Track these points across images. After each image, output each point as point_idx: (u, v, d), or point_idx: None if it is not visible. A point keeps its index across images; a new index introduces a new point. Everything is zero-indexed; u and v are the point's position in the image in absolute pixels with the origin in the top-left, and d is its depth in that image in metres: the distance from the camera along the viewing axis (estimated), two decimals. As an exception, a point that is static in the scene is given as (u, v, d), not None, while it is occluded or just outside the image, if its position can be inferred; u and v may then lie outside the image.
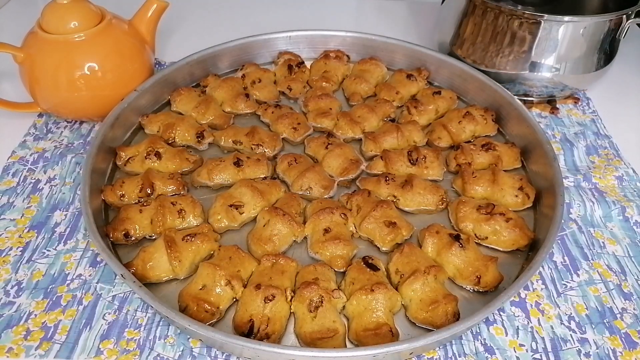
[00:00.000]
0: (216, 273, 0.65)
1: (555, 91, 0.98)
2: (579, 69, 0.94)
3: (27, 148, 0.89)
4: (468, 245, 0.71)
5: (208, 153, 0.88)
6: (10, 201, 0.80)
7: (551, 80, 0.95)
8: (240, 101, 0.95)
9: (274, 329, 0.62)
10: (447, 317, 0.64)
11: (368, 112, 0.92)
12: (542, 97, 0.99)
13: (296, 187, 0.80)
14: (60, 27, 0.84)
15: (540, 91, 0.97)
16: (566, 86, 0.97)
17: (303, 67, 1.03)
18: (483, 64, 0.97)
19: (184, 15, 1.26)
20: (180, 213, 0.74)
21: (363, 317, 0.64)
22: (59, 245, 0.74)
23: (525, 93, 0.98)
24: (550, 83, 0.95)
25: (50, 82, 0.85)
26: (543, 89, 0.97)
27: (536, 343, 0.65)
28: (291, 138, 0.89)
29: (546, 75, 0.94)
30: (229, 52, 1.02)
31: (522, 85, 0.96)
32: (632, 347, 0.65)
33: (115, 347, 0.63)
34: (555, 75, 0.94)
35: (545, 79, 0.95)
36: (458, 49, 1.00)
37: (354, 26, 1.10)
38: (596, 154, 0.92)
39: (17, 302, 0.67)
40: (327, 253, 0.71)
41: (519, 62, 0.94)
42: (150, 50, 0.95)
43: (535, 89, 0.97)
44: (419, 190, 0.79)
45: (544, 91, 0.97)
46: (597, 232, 0.79)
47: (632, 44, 1.16)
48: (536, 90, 0.97)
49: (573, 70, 0.94)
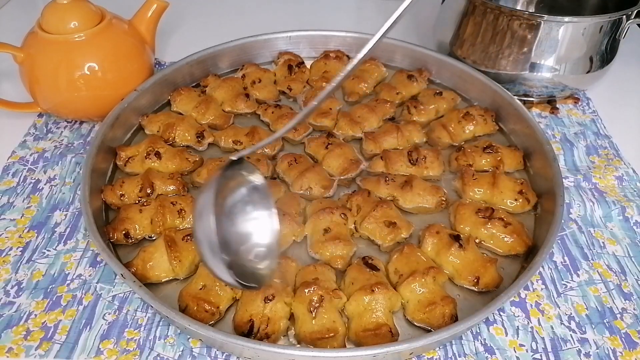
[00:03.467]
0: (216, 273, 0.65)
1: (555, 91, 0.98)
2: (578, 69, 0.94)
3: (27, 148, 0.89)
4: (468, 246, 0.71)
5: (208, 153, 0.88)
6: (10, 201, 0.80)
7: (551, 81, 0.95)
8: (240, 101, 0.95)
9: (274, 329, 0.62)
10: (444, 319, 0.64)
11: (368, 112, 0.92)
12: (542, 97, 0.99)
13: (296, 187, 0.80)
14: (60, 27, 0.84)
15: (540, 91, 0.97)
16: (566, 86, 0.97)
17: (303, 67, 1.03)
18: (483, 65, 0.97)
19: (184, 15, 1.26)
20: (180, 213, 0.74)
21: (363, 317, 0.64)
22: (59, 245, 0.74)
23: (525, 93, 0.98)
24: (550, 83, 0.95)
25: (50, 82, 0.85)
26: (543, 90, 0.97)
27: (536, 343, 0.65)
28: (291, 138, 0.89)
29: (546, 75, 0.94)
30: (229, 52, 1.02)
31: (522, 85, 0.96)
32: (632, 347, 0.65)
33: (115, 347, 0.63)
34: (555, 76, 0.94)
35: (545, 79, 0.95)
36: (458, 49, 1.00)
37: (354, 26, 1.10)
38: (596, 154, 0.92)
39: (17, 302, 0.67)
40: (327, 253, 0.71)
41: (519, 63, 0.94)
42: (150, 50, 0.95)
43: (535, 89, 0.97)
44: (419, 191, 0.79)
45: (544, 91, 0.97)
46: (597, 232, 0.79)
47: (632, 44, 1.16)
48: (536, 90, 0.97)
49: (573, 70, 0.94)
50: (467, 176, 0.81)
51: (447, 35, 1.03)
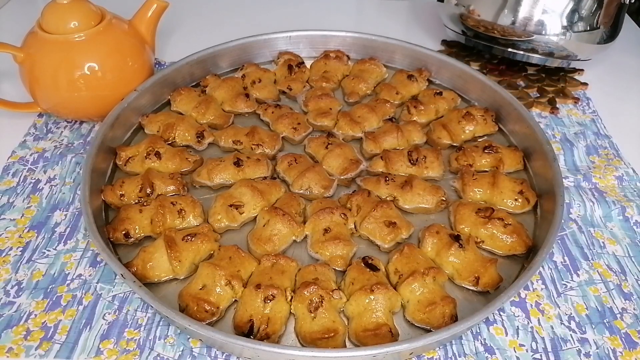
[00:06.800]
0: (216, 273, 0.65)
1: (557, 60, 1.00)
2: (583, 37, 0.96)
3: (27, 148, 0.89)
4: (468, 246, 0.71)
5: (208, 153, 0.88)
6: (10, 201, 0.80)
7: (557, 45, 0.96)
8: (240, 101, 0.95)
9: (274, 329, 0.62)
10: (444, 319, 0.64)
11: (368, 112, 0.92)
12: (543, 62, 1.01)
13: (296, 186, 0.80)
14: (60, 27, 0.84)
15: (543, 58, 1.00)
16: (569, 55, 0.98)
17: (303, 67, 1.03)
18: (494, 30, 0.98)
19: (184, 15, 1.26)
20: (180, 213, 0.74)
21: (363, 317, 0.64)
22: (59, 245, 0.74)
23: (532, 49, 0.99)
24: (556, 47, 0.97)
25: (50, 82, 0.85)
26: (547, 55, 0.99)
27: (536, 343, 0.65)
28: (291, 137, 0.90)
29: (552, 38, 0.95)
30: (229, 52, 1.02)
31: (529, 44, 0.98)
32: (632, 347, 0.65)
33: (115, 347, 0.63)
34: (561, 40, 0.95)
35: (552, 42, 0.96)
36: (468, 18, 1.02)
37: (354, 26, 1.10)
38: (596, 154, 0.92)
39: (17, 302, 0.67)
40: (327, 253, 0.71)
41: (527, 22, 0.95)
42: (150, 50, 0.95)
43: (540, 49, 0.98)
44: (419, 191, 0.79)
45: (547, 59, 1.00)
46: (597, 232, 0.79)
47: (632, 44, 1.16)
48: (539, 56, 0.99)
49: (579, 37, 0.96)
50: (467, 176, 0.81)
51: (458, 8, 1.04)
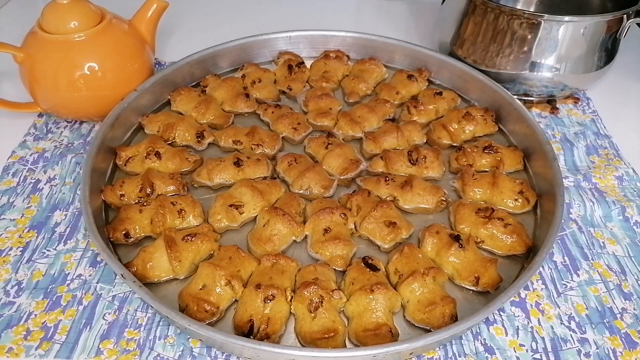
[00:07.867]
0: (216, 273, 0.65)
1: (555, 91, 0.98)
2: (579, 68, 0.94)
3: (27, 148, 0.89)
4: (468, 246, 0.71)
5: (208, 153, 0.88)
6: (10, 201, 0.80)
7: (551, 80, 0.95)
8: (240, 101, 0.95)
9: (274, 329, 0.62)
10: (444, 319, 0.64)
11: (368, 112, 0.91)
12: (542, 96, 0.99)
13: (296, 186, 0.80)
14: (60, 27, 0.84)
15: (541, 91, 0.97)
16: (566, 86, 0.97)
17: (303, 67, 1.03)
18: (483, 64, 0.97)
19: (184, 15, 1.26)
20: (180, 213, 0.74)
21: (363, 317, 0.64)
22: (59, 245, 0.74)
23: (525, 93, 0.98)
24: (551, 83, 0.95)
25: (50, 82, 0.85)
26: (543, 89, 0.97)
27: (536, 343, 0.65)
28: (291, 137, 0.89)
29: (546, 75, 0.94)
30: (229, 52, 1.02)
31: (523, 85, 0.96)
32: (632, 347, 0.65)
33: (115, 347, 0.63)
34: (556, 75, 0.94)
35: (546, 78, 0.95)
36: (458, 49, 1.00)
37: (354, 26, 1.10)
38: (596, 154, 0.92)
39: (17, 302, 0.67)
40: (327, 253, 0.71)
41: (519, 62, 0.94)
42: (150, 50, 0.95)
43: (536, 89, 0.97)
44: (419, 191, 0.79)
45: (544, 91, 0.97)
46: (597, 232, 0.79)
47: (632, 44, 1.16)
48: (536, 90, 0.97)
49: (573, 70, 0.94)
50: (467, 176, 0.81)
51: (448, 35, 1.03)
